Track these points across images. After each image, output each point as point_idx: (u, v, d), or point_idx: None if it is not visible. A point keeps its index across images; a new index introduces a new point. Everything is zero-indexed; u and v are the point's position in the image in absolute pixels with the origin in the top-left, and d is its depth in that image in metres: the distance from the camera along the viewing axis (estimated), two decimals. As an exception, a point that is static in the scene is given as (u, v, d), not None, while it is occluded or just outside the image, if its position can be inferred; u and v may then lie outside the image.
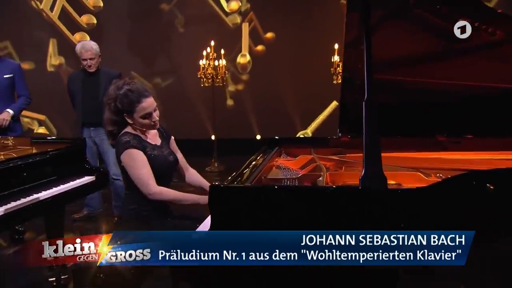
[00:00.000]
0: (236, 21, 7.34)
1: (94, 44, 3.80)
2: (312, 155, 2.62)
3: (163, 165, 2.20)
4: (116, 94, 2.11)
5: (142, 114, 2.09)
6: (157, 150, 2.20)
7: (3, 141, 2.94)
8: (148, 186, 2.07)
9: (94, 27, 7.16)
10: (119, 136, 2.15)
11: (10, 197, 2.26)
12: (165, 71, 7.47)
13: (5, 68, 3.60)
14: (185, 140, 7.22)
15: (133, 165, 2.08)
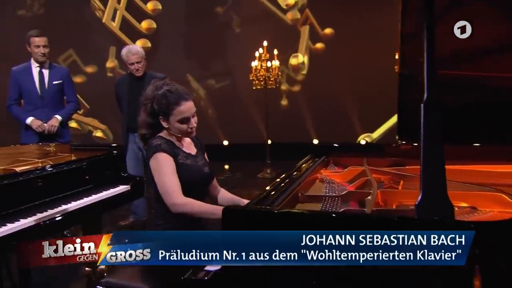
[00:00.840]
0: (296, 16, 7.06)
1: (139, 48, 3.76)
2: (364, 166, 2.27)
3: (196, 177, 2.00)
4: (154, 94, 1.96)
5: (180, 118, 1.93)
6: (190, 160, 2.02)
7: (45, 148, 2.96)
8: (172, 195, 1.87)
9: (154, 32, 7.30)
10: (150, 140, 2.00)
11: (40, 207, 2.21)
12: (219, 74, 7.42)
13: (54, 74, 3.66)
14: (238, 145, 7.25)
15: (159, 170, 1.91)
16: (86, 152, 2.85)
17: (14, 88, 3.59)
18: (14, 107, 3.61)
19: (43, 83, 3.61)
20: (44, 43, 3.56)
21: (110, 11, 7.21)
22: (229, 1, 7.25)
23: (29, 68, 3.61)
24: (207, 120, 7.41)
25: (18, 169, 2.35)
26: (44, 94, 3.60)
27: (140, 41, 7.19)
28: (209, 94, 7.44)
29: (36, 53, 3.56)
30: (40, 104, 3.60)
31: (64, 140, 3.61)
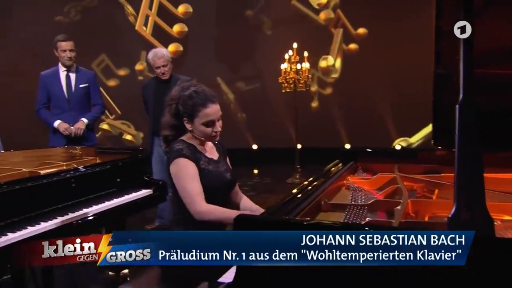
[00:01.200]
0: (330, 16, 6.93)
1: (165, 51, 3.79)
2: (395, 173, 2.14)
3: (218, 183, 1.95)
4: (179, 95, 1.92)
5: (205, 121, 1.88)
6: (212, 165, 1.96)
7: (71, 151, 3.00)
8: (194, 202, 1.82)
9: (185, 35, 7.37)
10: (172, 143, 1.96)
11: (61, 211, 2.22)
12: (249, 77, 7.40)
13: (81, 77, 3.74)
14: (267, 149, 7.19)
15: (181, 177, 1.86)
16: (110, 156, 2.86)
17: (42, 92, 3.69)
18: (42, 111, 3.71)
19: (70, 87, 3.69)
20: (70, 47, 3.64)
21: (142, 18, 7.34)
22: (259, 3, 7.22)
23: (56, 73, 3.71)
24: (236, 124, 7.40)
25: (42, 172, 2.39)
26: (71, 98, 3.68)
27: (173, 45, 7.27)
28: (238, 97, 7.43)
29: (63, 57, 3.64)
30: (67, 107, 3.68)
31: (90, 143, 3.66)
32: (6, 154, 2.88)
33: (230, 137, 7.04)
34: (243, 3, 7.28)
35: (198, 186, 1.85)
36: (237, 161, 7.02)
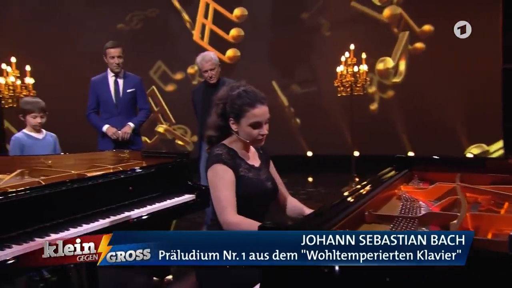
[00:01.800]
0: (396, 11, 6.63)
1: (213, 54, 3.80)
2: (456, 183, 1.93)
3: (257, 191, 1.88)
4: (228, 94, 1.87)
5: (252, 122, 1.83)
6: (253, 172, 1.90)
7: (120, 155, 3.09)
8: (224, 212, 1.76)
9: (242, 40, 7.44)
10: (212, 147, 1.93)
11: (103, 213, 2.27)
12: (304, 81, 7.29)
13: (128, 83, 3.86)
14: (322, 156, 7.00)
15: (215, 183, 1.80)
16: (156, 159, 2.91)
17: (92, 97, 3.86)
18: (92, 116, 3.87)
19: (118, 92, 3.83)
20: (118, 54, 3.78)
21: (199, 27, 7.52)
22: (315, 5, 7.11)
23: (105, 78, 3.86)
24: (290, 130, 7.31)
25: (88, 175, 2.47)
26: (119, 102, 3.82)
27: (231, 51, 7.37)
28: (292, 101, 7.35)
29: (111, 64, 3.79)
30: (115, 112, 3.82)
31: (136, 147, 3.76)
32: (61, 156, 3.01)
33: (284, 144, 7.07)
34: (298, 6, 7.21)
35: (230, 195, 1.79)
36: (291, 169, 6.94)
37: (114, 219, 2.25)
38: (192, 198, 2.69)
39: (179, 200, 2.62)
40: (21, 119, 3.20)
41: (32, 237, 1.92)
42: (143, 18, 7.63)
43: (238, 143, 1.90)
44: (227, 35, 7.50)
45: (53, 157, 2.94)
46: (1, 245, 1.78)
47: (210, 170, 1.84)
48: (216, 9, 7.50)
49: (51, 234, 1.98)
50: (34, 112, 3.13)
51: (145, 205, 2.46)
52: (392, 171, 2.18)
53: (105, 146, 3.76)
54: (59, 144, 3.38)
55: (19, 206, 1.97)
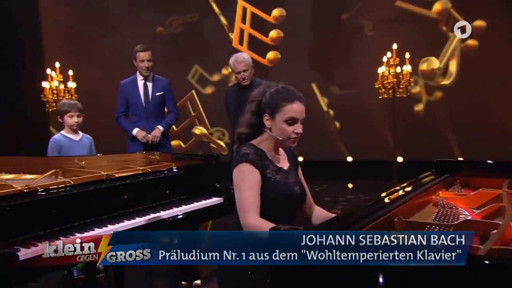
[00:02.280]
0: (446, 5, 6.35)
1: (246, 55, 3.78)
2: (502, 189, 1.79)
3: (284, 195, 1.82)
4: (264, 91, 1.85)
5: (288, 117, 1.79)
6: (281, 175, 1.85)
7: (150, 156, 3.14)
8: (246, 214, 1.72)
9: (281, 41, 7.42)
10: (240, 146, 1.88)
11: (129, 215, 2.30)
12: (344, 83, 7.14)
13: (157, 86, 3.92)
14: (363, 162, 6.80)
15: (240, 184, 1.77)
16: (185, 161, 2.92)
17: (121, 100, 3.94)
18: (121, 119, 3.95)
19: (147, 95, 3.89)
20: (148, 57, 3.84)
21: (237, 33, 7.58)
22: (356, 6, 6.97)
23: (135, 81, 3.94)
24: (329, 134, 7.18)
25: (117, 176, 2.51)
26: (148, 106, 3.88)
27: (271, 53, 7.35)
28: (332, 105, 7.22)
29: (141, 67, 3.85)
30: (144, 115, 3.88)
31: (165, 150, 3.80)
32: (94, 158, 3.10)
33: (323, 149, 6.95)
34: (338, 6, 7.09)
35: (254, 197, 1.75)
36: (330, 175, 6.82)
37: (139, 220, 2.27)
38: (220, 201, 2.68)
39: (206, 203, 2.61)
40: (59, 120, 3.34)
41: (58, 236, 1.97)
42: (183, 23, 7.80)
43: (268, 143, 1.86)
44: (266, 37, 7.51)
45: (86, 158, 3.02)
46: (28, 243, 1.84)
47: (236, 169, 1.81)
48: (254, 12, 7.53)
49: (76, 233, 2.02)
50: (70, 112, 3.25)
51: (172, 207, 2.47)
52: (431, 175, 2.06)
53: (134, 149, 3.82)
54: (94, 146, 3.49)
55: (48, 205, 2.03)
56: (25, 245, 1.82)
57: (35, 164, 2.96)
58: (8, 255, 1.72)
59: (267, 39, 7.49)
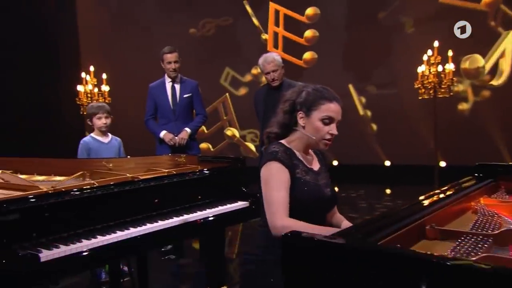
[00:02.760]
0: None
1: (276, 55, 3.73)
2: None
3: (314, 196, 1.78)
4: (300, 90, 1.84)
5: (325, 116, 1.76)
6: (311, 176, 1.82)
7: (177, 159, 3.14)
8: (274, 215, 1.69)
9: (317, 41, 7.31)
10: (269, 145, 1.85)
11: (152, 218, 2.29)
12: (381, 84, 6.95)
13: (185, 88, 3.94)
14: (401, 166, 6.56)
15: (268, 182, 1.74)
16: (212, 164, 2.90)
17: (150, 103, 4.00)
18: (150, 122, 4.01)
19: (175, 97, 3.93)
20: (175, 59, 3.87)
21: (271, 36, 7.54)
22: (394, 3, 6.77)
23: (163, 84, 3.98)
24: (366, 137, 6.99)
25: (141, 177, 2.52)
26: (176, 108, 3.92)
27: (308, 54, 7.28)
28: (369, 106, 7.03)
29: (168, 69, 3.90)
30: (172, 117, 3.92)
31: (193, 152, 3.82)
32: (122, 160, 3.14)
33: (359, 152, 6.77)
34: (375, 3, 6.92)
35: (283, 197, 1.71)
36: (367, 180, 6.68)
37: (161, 223, 2.25)
38: (246, 205, 2.63)
39: (231, 207, 2.57)
40: (88, 123, 3.43)
41: (80, 238, 1.99)
42: (216, 25, 7.85)
43: (298, 143, 1.83)
44: (300, 38, 7.42)
45: (114, 160, 3.06)
46: (50, 245, 1.87)
47: (264, 168, 1.78)
48: (287, 14, 7.47)
49: (97, 236, 2.03)
50: (98, 114, 3.34)
51: (196, 210, 2.44)
52: (472, 180, 1.94)
53: (162, 152, 3.87)
54: (123, 148, 3.56)
55: (71, 207, 2.06)
56: (47, 247, 1.84)
57: (66, 166, 3.03)
58: (30, 256, 1.74)
59: (302, 39, 7.41)
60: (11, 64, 6.56)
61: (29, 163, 3.24)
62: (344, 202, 5.73)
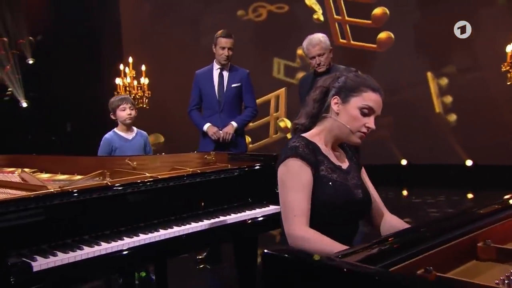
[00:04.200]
0: None
1: (322, 37, 3.50)
2: None
3: (342, 198, 1.67)
4: (336, 77, 1.78)
5: (365, 105, 1.69)
6: (338, 174, 1.72)
7: (206, 157, 3.08)
8: (291, 221, 1.61)
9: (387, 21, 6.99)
10: (289, 139, 1.76)
11: (163, 224, 2.23)
12: (462, 68, 6.48)
13: (234, 76, 3.82)
14: (485, 166, 6.05)
15: (286, 182, 1.65)
16: (243, 162, 2.80)
17: (195, 91, 3.91)
18: (194, 113, 3.92)
19: (222, 86, 3.81)
20: (229, 45, 3.76)
21: (335, 28, 7.31)
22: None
23: (210, 71, 3.88)
24: (443, 132, 6.56)
25: (160, 177, 2.49)
26: (222, 98, 3.80)
27: (383, 33, 6.97)
28: (447, 93, 6.60)
29: (220, 55, 3.77)
30: (217, 109, 3.82)
31: (239, 150, 3.71)
32: (147, 158, 3.15)
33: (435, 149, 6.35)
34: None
35: (303, 200, 1.62)
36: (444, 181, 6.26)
37: (176, 230, 2.19)
38: (277, 210, 2.50)
39: (260, 212, 2.46)
40: (112, 118, 3.46)
41: (83, 245, 1.97)
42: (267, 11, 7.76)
43: (327, 134, 1.75)
44: (368, 21, 7.13)
45: (139, 158, 3.07)
46: (49, 252, 1.86)
47: (282, 166, 1.69)
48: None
49: (102, 243, 2.01)
50: (122, 105, 3.35)
51: (218, 215, 2.35)
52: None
53: (205, 147, 3.81)
54: (150, 144, 3.56)
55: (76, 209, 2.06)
56: (44, 254, 1.83)
57: (89, 165, 3.10)
58: (21, 265, 1.73)
59: (369, 22, 7.10)
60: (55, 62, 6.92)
61: (55, 161, 3.36)
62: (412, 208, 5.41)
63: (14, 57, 7.25)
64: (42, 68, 7.01)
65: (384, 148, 6.39)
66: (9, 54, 7.25)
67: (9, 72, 6.91)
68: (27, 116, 6.83)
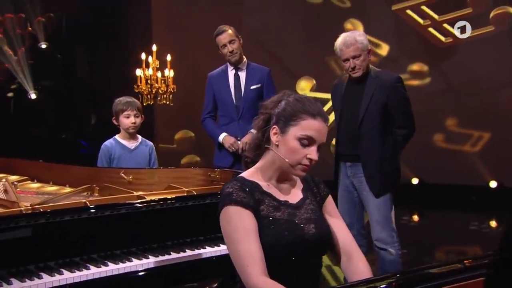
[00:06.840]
0: None
1: (358, 35, 3.39)
2: None
3: (286, 238, 1.79)
4: (279, 100, 1.90)
5: (304, 135, 1.81)
6: (283, 211, 1.86)
7: (210, 174, 3.21)
8: (245, 271, 1.73)
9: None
10: (224, 184, 1.89)
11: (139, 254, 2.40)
12: None
13: (252, 77, 3.88)
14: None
15: (229, 234, 1.80)
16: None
17: (208, 97, 4.00)
18: (208, 121, 4.01)
19: (238, 89, 3.88)
20: (229, 39, 3.81)
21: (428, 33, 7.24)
22: None
23: (224, 73, 3.95)
24: None
25: (148, 198, 2.66)
26: (240, 103, 3.86)
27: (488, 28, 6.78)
28: None
29: (225, 55, 3.86)
30: (235, 115, 3.89)
31: (257, 163, 3.78)
32: (144, 171, 3.31)
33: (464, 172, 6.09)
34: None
35: (252, 247, 1.75)
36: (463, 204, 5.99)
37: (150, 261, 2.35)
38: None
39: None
40: (114, 123, 3.58)
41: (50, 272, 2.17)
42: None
43: (268, 168, 1.88)
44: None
45: (135, 171, 3.25)
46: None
47: (221, 216, 1.84)
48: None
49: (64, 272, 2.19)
50: (126, 111, 3.46)
51: (204, 246, 2.51)
52: None
53: (221, 161, 3.89)
54: (155, 155, 3.69)
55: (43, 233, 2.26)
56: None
57: (82, 176, 3.33)
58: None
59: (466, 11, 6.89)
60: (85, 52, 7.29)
61: (49, 169, 3.61)
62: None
63: (30, 38, 7.68)
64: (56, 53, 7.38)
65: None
66: (25, 34, 7.68)
67: (21, 57, 7.24)
68: (36, 109, 7.14)
